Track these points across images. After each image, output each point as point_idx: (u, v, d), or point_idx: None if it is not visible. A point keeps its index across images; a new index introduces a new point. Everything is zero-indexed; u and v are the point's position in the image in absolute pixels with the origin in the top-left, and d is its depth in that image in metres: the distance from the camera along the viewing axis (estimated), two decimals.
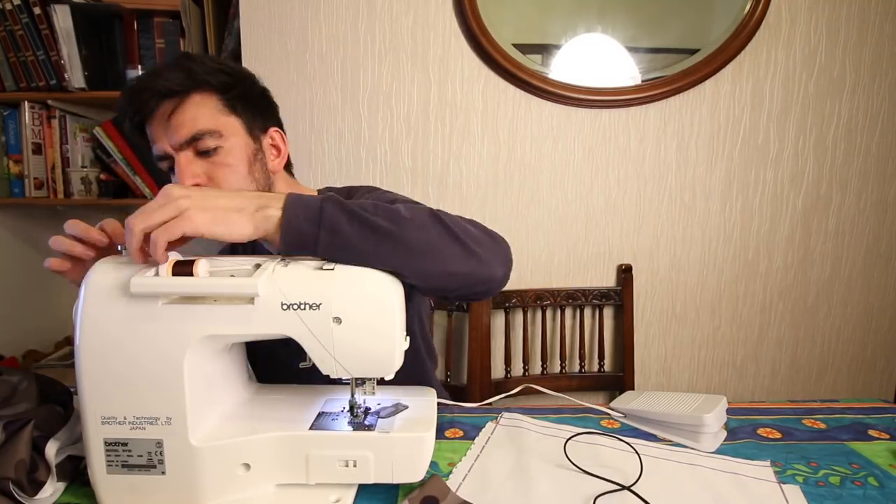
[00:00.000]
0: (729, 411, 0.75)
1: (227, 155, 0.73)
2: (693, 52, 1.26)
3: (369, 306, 0.51)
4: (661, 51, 1.27)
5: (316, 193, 0.81)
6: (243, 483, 0.53)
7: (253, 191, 0.53)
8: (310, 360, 0.53)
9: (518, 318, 1.33)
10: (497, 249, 0.61)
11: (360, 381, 0.56)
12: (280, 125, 0.84)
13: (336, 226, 0.52)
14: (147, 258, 0.50)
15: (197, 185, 0.71)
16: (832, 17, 1.26)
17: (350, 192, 0.85)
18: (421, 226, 0.56)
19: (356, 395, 0.58)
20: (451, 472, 0.60)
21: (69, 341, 1.69)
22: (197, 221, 0.49)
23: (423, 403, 0.61)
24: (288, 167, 0.87)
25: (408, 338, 0.56)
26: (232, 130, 0.74)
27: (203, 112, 0.72)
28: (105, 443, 0.51)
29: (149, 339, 0.50)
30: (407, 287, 0.57)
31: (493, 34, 1.23)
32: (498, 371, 1.33)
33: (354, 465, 0.53)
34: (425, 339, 0.94)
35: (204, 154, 0.72)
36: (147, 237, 0.48)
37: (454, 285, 0.59)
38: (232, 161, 0.73)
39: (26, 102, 1.44)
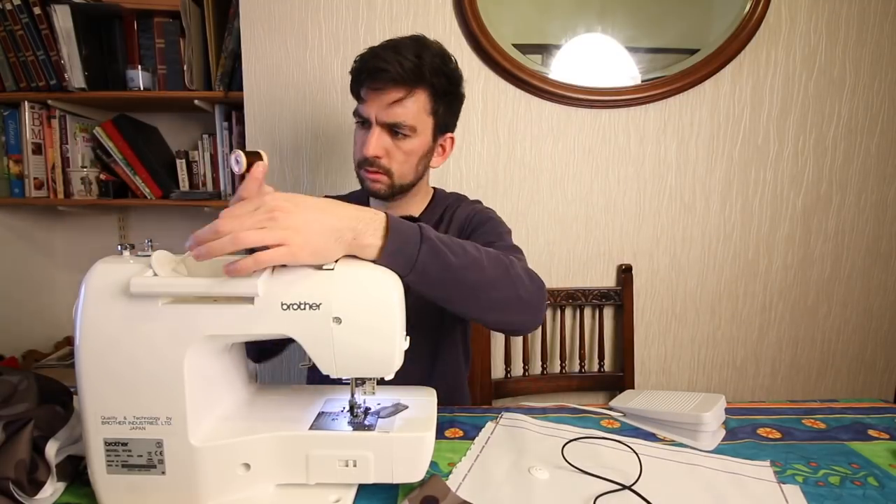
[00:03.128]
0: (729, 411, 0.75)
1: (411, 145, 0.83)
2: (693, 52, 1.25)
3: (369, 306, 0.51)
4: (661, 51, 1.27)
5: (432, 193, 0.94)
6: (243, 483, 0.53)
7: (342, 207, 0.56)
8: (310, 360, 0.53)
9: None
10: (542, 301, 0.70)
11: (360, 381, 0.56)
12: (454, 130, 0.92)
13: (426, 272, 0.58)
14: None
15: (377, 157, 0.82)
16: (832, 17, 1.26)
17: (459, 199, 0.97)
18: (496, 285, 0.63)
19: (356, 395, 0.58)
20: (451, 472, 0.60)
21: (69, 341, 1.69)
22: (301, 256, 0.50)
23: (423, 403, 0.61)
24: None
25: (408, 338, 0.56)
26: (424, 129, 0.84)
27: (414, 108, 0.81)
28: (105, 443, 0.51)
29: (149, 340, 0.50)
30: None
31: (493, 34, 1.23)
32: (498, 371, 1.33)
33: (354, 465, 0.53)
34: (466, 344, 0.99)
35: (393, 134, 0.82)
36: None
37: (502, 328, 0.73)
38: (411, 150, 0.84)
39: (26, 102, 1.44)
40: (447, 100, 0.85)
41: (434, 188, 0.98)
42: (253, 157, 0.57)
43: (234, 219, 0.49)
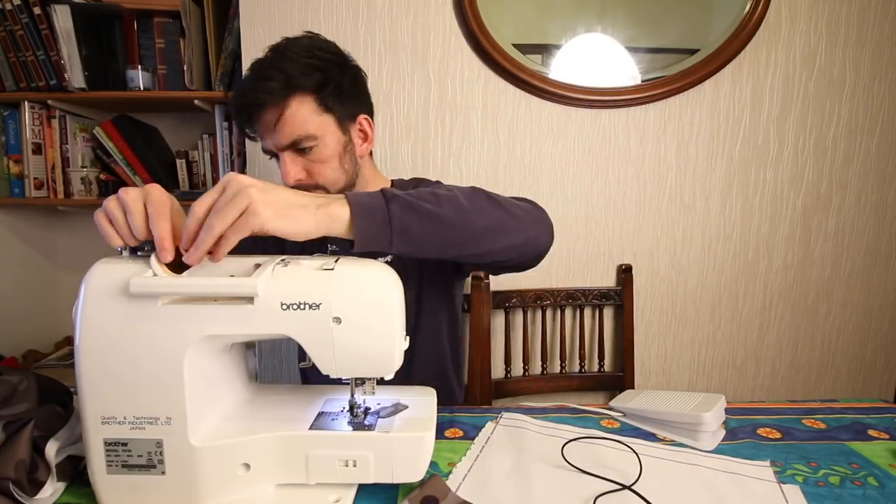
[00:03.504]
0: (729, 411, 0.75)
1: (322, 151, 0.80)
2: (693, 52, 1.25)
3: (369, 306, 0.51)
4: (661, 51, 1.27)
5: (390, 184, 0.91)
6: (243, 483, 0.53)
7: (317, 193, 0.58)
8: (310, 360, 0.53)
9: (518, 318, 1.33)
10: (542, 217, 0.69)
11: (360, 381, 0.56)
12: (369, 109, 0.89)
13: (407, 227, 0.57)
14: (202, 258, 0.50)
15: (299, 181, 0.80)
16: (832, 17, 1.26)
17: (418, 183, 0.93)
18: (480, 209, 0.62)
19: (356, 395, 0.58)
20: (450, 472, 0.60)
21: (69, 341, 1.69)
22: (263, 217, 0.49)
23: (423, 403, 0.61)
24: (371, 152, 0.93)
25: (407, 338, 0.56)
26: (325, 129, 0.80)
27: (300, 117, 0.78)
28: (105, 443, 0.51)
29: (148, 340, 0.50)
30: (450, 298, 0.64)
31: (493, 34, 1.23)
32: (498, 371, 1.33)
33: (354, 465, 0.53)
34: (454, 343, 0.98)
35: (302, 151, 0.80)
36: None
37: (510, 256, 0.67)
38: (326, 156, 0.81)
39: (26, 102, 1.44)
40: (331, 89, 0.80)
41: (393, 179, 0.96)
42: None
43: (216, 213, 0.49)
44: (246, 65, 1.26)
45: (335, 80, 0.81)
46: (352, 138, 0.85)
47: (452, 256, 0.63)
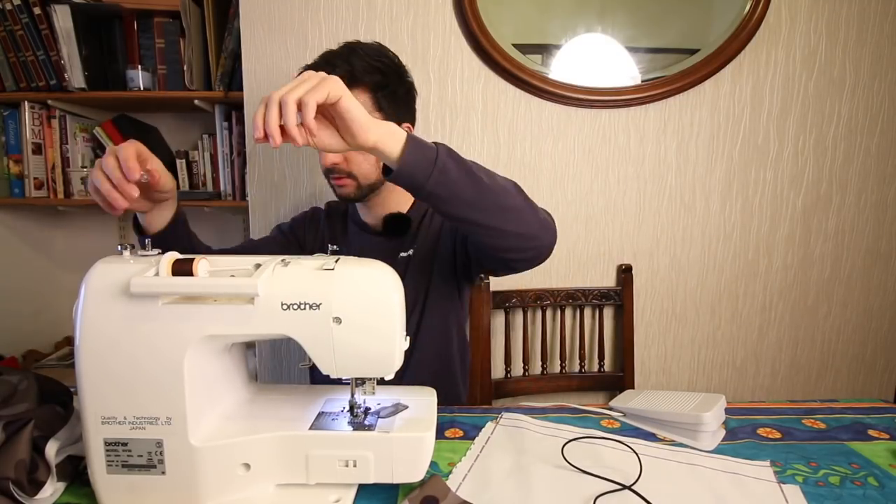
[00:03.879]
0: (729, 411, 0.75)
1: None
2: (693, 52, 1.25)
3: (369, 306, 0.51)
4: (661, 51, 1.27)
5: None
6: (243, 483, 0.53)
7: None
8: (310, 360, 0.53)
9: (518, 318, 1.33)
10: (552, 222, 0.74)
11: (360, 381, 0.56)
12: (412, 121, 0.94)
13: (446, 168, 0.60)
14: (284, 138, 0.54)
15: (335, 164, 0.85)
16: (832, 17, 1.26)
17: None
18: (509, 191, 0.67)
19: (356, 395, 0.58)
20: (451, 472, 0.60)
21: (69, 341, 1.69)
22: (339, 88, 0.54)
23: (423, 403, 0.61)
24: None
25: (408, 338, 0.56)
26: None
27: None
28: (105, 443, 0.51)
29: (149, 340, 0.50)
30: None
31: (493, 34, 1.23)
32: (498, 371, 1.33)
33: (354, 465, 0.53)
34: (461, 346, 1.01)
35: None
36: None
37: (518, 244, 0.70)
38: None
39: (26, 102, 1.45)
40: (387, 93, 0.86)
41: None
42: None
43: (290, 89, 0.53)
44: (246, 64, 1.26)
45: (392, 85, 0.87)
46: None
47: (472, 221, 0.65)
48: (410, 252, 0.93)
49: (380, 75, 0.85)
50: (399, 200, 0.95)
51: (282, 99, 0.52)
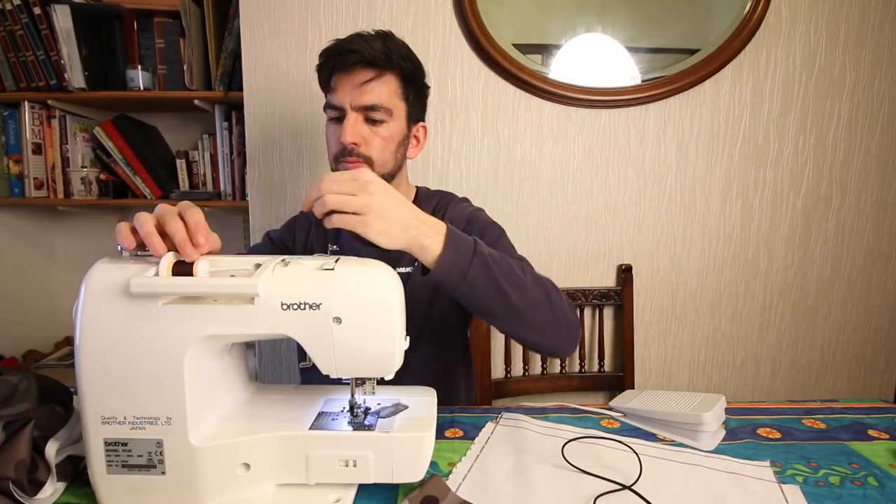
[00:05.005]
0: (729, 411, 0.75)
1: (388, 130, 0.83)
2: (693, 52, 1.25)
3: (369, 306, 0.51)
4: (661, 51, 1.27)
5: (415, 191, 0.97)
6: (243, 483, 0.53)
7: (414, 209, 0.62)
8: (310, 360, 0.53)
9: None
10: (577, 327, 0.74)
11: (360, 381, 0.56)
12: (424, 119, 0.93)
13: (475, 283, 0.62)
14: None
15: (354, 144, 0.81)
16: (832, 17, 1.26)
17: (443, 197, 0.96)
18: (536, 304, 0.67)
19: (356, 395, 0.58)
20: (450, 472, 0.60)
21: (69, 341, 1.69)
22: (371, 230, 0.56)
23: (423, 403, 0.61)
24: None
25: (408, 338, 0.56)
26: (398, 114, 0.84)
27: (386, 90, 0.82)
28: (105, 443, 0.51)
29: (149, 340, 0.49)
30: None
31: (493, 34, 1.23)
32: (498, 371, 1.33)
33: (354, 465, 0.53)
34: (464, 348, 1.01)
35: (370, 121, 0.82)
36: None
37: (533, 347, 0.73)
38: (388, 136, 0.83)
39: (26, 102, 1.45)
40: (416, 86, 0.86)
41: (417, 186, 0.98)
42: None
43: (332, 182, 0.55)
44: (246, 64, 1.26)
45: (419, 80, 0.87)
46: (409, 136, 0.89)
47: (493, 325, 0.68)
48: (409, 269, 0.88)
49: (411, 65, 0.84)
50: None
51: (325, 197, 0.55)
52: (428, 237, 0.60)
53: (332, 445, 0.53)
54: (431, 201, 0.95)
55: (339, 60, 0.80)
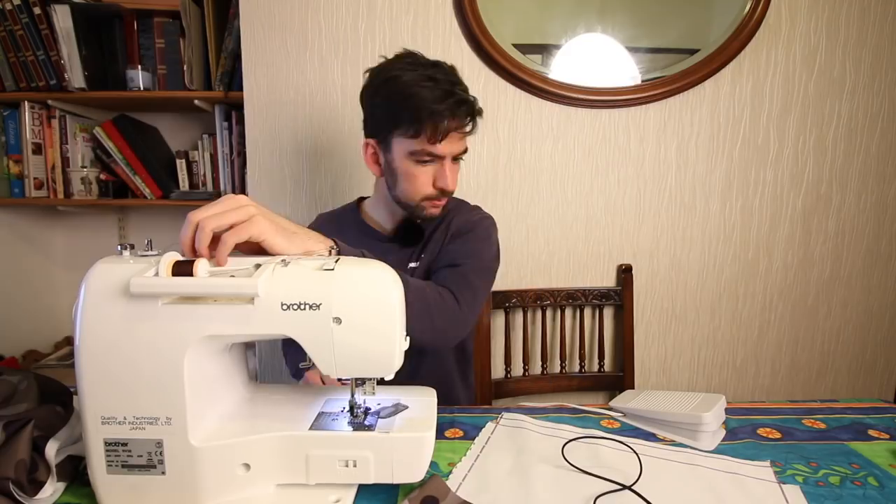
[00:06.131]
0: (729, 411, 0.75)
1: (459, 166, 0.91)
2: (693, 52, 1.25)
3: (369, 306, 0.51)
4: (661, 51, 1.27)
5: None
6: (243, 483, 0.53)
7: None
8: (310, 360, 0.52)
9: (518, 318, 1.33)
10: (460, 327, 0.80)
11: (360, 381, 0.56)
12: None
13: None
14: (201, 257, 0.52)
15: (453, 190, 0.89)
16: (832, 17, 1.26)
17: (459, 205, 1.00)
18: (416, 315, 0.66)
19: (356, 395, 0.58)
20: (451, 472, 0.60)
21: (69, 341, 1.69)
22: (262, 227, 0.54)
23: (423, 403, 0.61)
24: None
25: (407, 338, 0.56)
26: None
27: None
28: (105, 443, 0.51)
29: (148, 340, 0.49)
30: None
31: (493, 34, 1.23)
32: (498, 371, 1.33)
33: (354, 466, 0.53)
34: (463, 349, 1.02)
35: (457, 161, 0.89)
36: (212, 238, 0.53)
37: (429, 343, 0.77)
38: (457, 170, 0.90)
39: (26, 102, 1.44)
40: (474, 124, 0.90)
41: None
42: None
43: (199, 210, 0.53)
44: (246, 64, 1.26)
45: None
46: None
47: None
48: (417, 264, 0.93)
49: (476, 109, 0.87)
50: None
51: (199, 223, 0.52)
52: (314, 241, 0.60)
53: (332, 445, 0.53)
54: (447, 206, 0.95)
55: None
